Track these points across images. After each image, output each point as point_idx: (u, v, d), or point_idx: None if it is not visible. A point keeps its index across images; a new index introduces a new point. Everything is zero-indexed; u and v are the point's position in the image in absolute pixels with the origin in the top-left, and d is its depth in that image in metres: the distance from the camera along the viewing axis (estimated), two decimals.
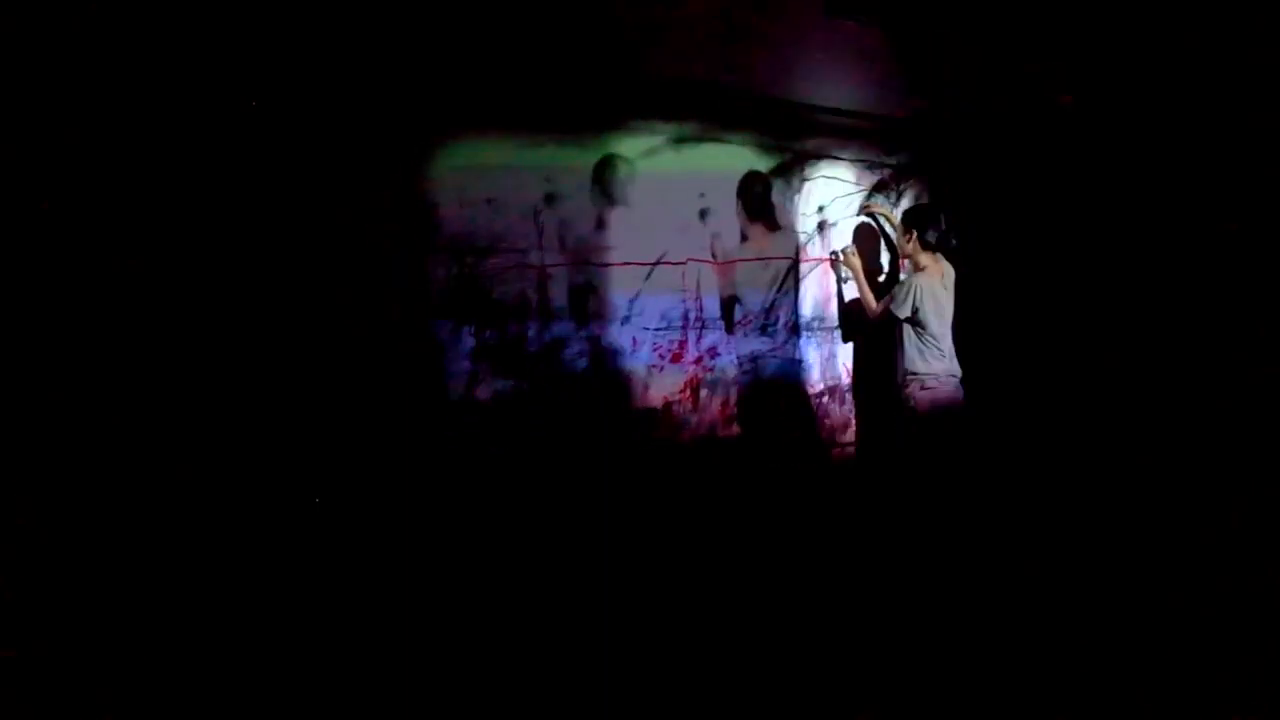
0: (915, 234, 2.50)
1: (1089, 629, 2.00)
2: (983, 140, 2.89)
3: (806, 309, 2.75)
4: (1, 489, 1.56)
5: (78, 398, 1.65)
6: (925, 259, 2.50)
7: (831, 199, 2.82)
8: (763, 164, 2.63)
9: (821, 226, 2.81)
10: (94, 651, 1.62)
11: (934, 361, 2.45)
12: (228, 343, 1.83)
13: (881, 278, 2.87)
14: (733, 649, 1.96)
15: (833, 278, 2.82)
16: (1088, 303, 2.77)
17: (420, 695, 1.78)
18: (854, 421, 2.86)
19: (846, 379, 2.85)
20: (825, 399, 2.81)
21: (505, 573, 2.07)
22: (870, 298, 2.62)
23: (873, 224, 2.89)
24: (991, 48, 2.42)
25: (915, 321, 2.44)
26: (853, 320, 2.80)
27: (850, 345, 2.85)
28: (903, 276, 2.66)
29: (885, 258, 2.91)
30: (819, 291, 2.80)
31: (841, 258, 2.71)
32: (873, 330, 2.65)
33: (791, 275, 2.64)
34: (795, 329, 2.68)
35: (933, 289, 2.45)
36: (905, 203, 2.92)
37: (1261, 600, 1.98)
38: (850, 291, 2.78)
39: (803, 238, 2.74)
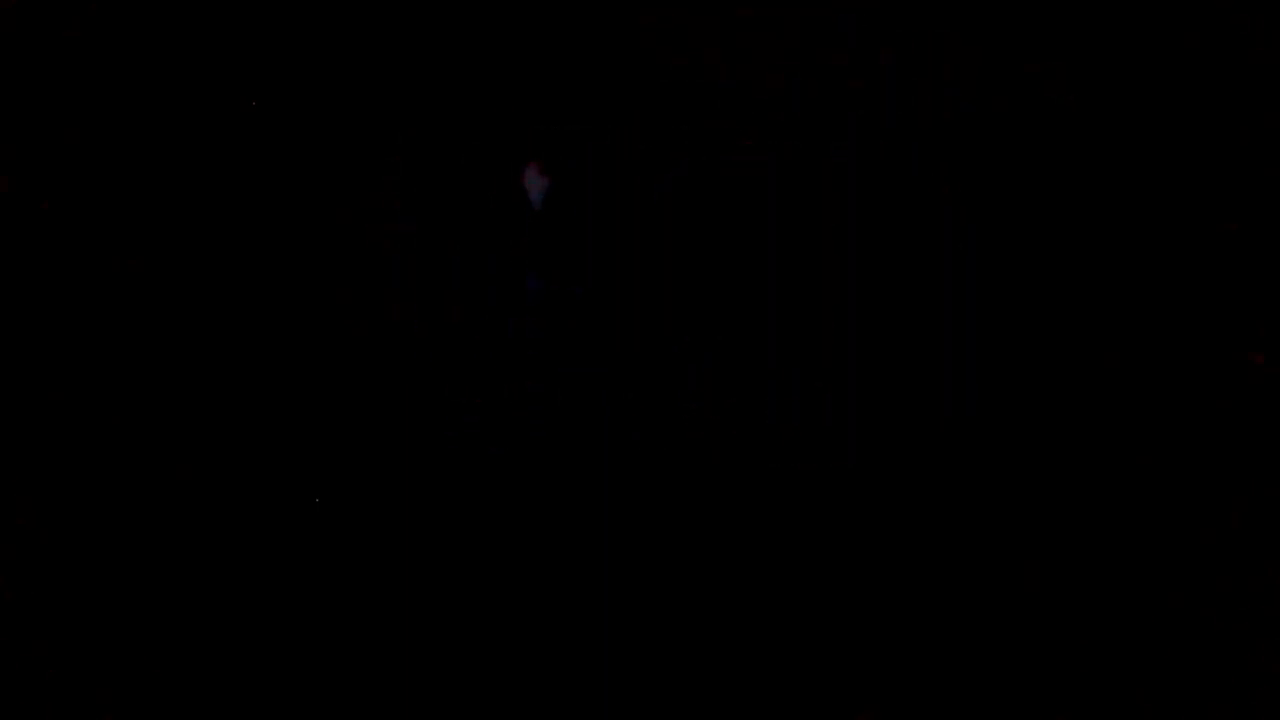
0: None
1: (1089, 629, 2.00)
2: (982, 140, 2.88)
3: None
4: (1, 489, 1.56)
5: (78, 398, 1.65)
6: None
7: None
8: None
9: None
10: (94, 651, 1.62)
11: None
12: (227, 343, 1.83)
13: None
14: (733, 648, 1.95)
15: None
16: (1087, 302, 2.77)
17: (420, 695, 1.77)
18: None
19: None
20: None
21: (505, 573, 2.06)
22: None
23: None
24: (991, 48, 2.42)
25: None
26: None
27: None
28: None
29: None
30: None
31: None
32: None
33: None
34: None
35: None
36: None
37: (1261, 600, 1.97)
38: None
39: None
